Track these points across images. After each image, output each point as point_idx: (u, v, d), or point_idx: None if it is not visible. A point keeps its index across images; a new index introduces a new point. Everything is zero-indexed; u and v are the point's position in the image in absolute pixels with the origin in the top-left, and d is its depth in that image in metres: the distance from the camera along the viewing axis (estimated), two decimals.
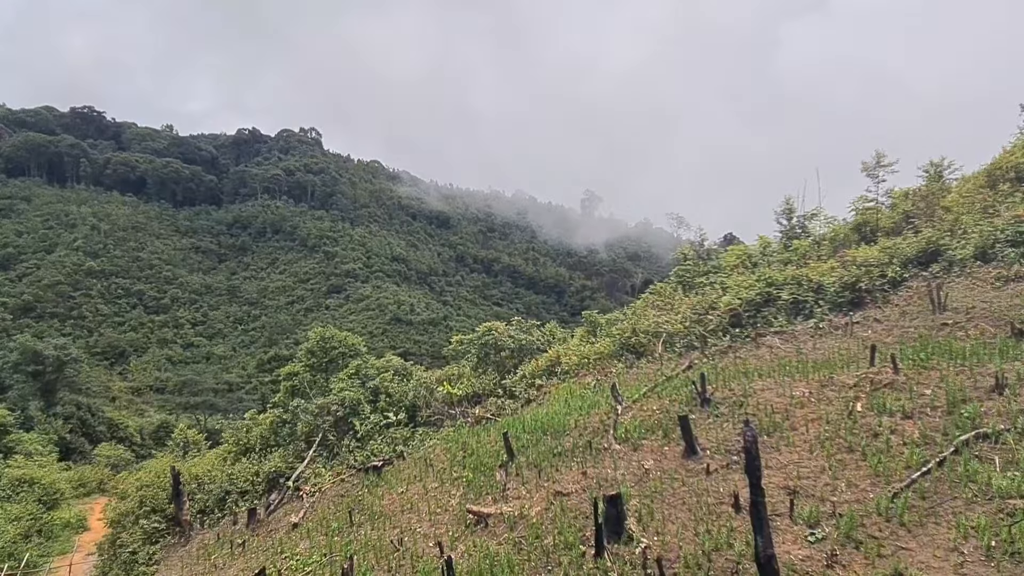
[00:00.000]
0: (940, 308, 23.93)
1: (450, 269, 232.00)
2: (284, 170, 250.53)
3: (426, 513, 20.73)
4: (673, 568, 13.22)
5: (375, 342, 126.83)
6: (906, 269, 28.07)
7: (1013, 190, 30.17)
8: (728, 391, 21.26)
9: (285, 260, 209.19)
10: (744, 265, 38.32)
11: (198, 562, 25.18)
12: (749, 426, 9.86)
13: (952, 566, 11.32)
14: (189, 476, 34.54)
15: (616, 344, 33.32)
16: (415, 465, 26.36)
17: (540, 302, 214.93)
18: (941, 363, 18.79)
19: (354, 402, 35.34)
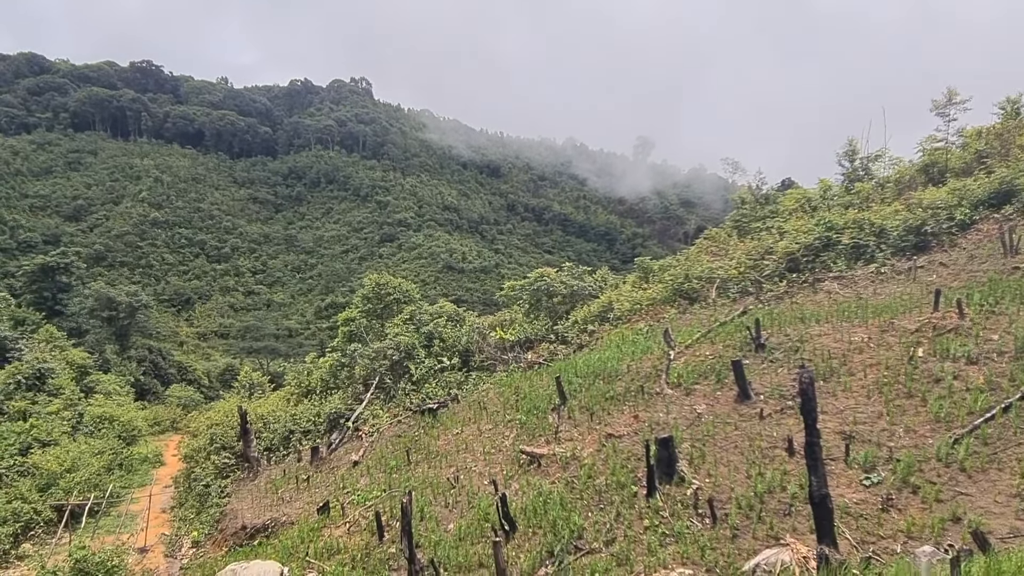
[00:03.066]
0: (1012, 251, 22.90)
1: (501, 218, 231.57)
2: (336, 120, 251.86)
3: (480, 453, 21.30)
4: (725, 508, 13.35)
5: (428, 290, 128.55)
6: (976, 211, 26.83)
7: None
8: (783, 336, 20.97)
9: (339, 209, 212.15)
10: (803, 209, 37.19)
11: (266, 495, 26.56)
12: (806, 368, 9.77)
13: (1014, 512, 11.13)
14: (255, 416, 36.17)
15: (669, 290, 33.03)
16: (469, 408, 26.98)
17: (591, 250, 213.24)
18: (1011, 308, 18.11)
19: (409, 347, 36.16)
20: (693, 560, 11.93)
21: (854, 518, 12.05)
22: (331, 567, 16.06)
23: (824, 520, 8.90)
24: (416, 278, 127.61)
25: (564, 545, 13.67)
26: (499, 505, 15.08)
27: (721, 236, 41.30)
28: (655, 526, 13.39)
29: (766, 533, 12.16)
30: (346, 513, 20.10)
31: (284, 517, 22.78)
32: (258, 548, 20.84)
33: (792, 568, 8.75)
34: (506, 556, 13.54)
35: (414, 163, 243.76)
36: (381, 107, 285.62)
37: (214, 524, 27.41)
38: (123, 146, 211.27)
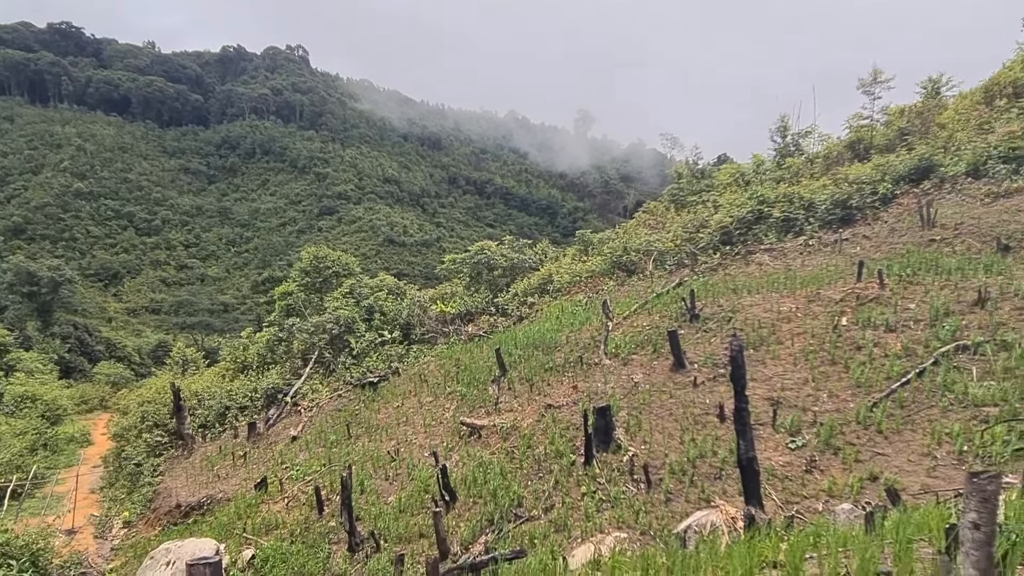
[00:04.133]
0: (929, 224, 24.07)
1: (442, 191, 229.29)
2: (271, 89, 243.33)
3: (421, 425, 21.34)
4: (659, 474, 13.78)
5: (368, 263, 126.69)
6: (897, 186, 28.04)
7: (1009, 106, 29.82)
8: (717, 307, 21.60)
9: (276, 181, 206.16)
10: (737, 184, 38.14)
11: (201, 473, 26.00)
12: (736, 337, 10.09)
13: (925, 470, 11.84)
14: (189, 392, 35.22)
15: (608, 262, 33.52)
16: (410, 380, 26.93)
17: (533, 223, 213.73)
18: (927, 278, 19.09)
19: (349, 320, 35.75)
20: (628, 524, 12.29)
21: (780, 479, 12.63)
22: (269, 542, 15.92)
23: (751, 482, 9.29)
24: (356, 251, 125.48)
25: (504, 513, 13.89)
26: (439, 476, 15.19)
27: (659, 210, 42.05)
28: (592, 492, 13.72)
29: (698, 496, 12.62)
30: (284, 488, 19.90)
31: (220, 494, 22.38)
32: (193, 526, 20.46)
33: (721, 528, 9.11)
34: (446, 526, 13.69)
35: (353, 134, 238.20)
36: (319, 76, 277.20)
37: (146, 503, 26.72)
38: (42, 112, 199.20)
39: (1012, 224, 22.04)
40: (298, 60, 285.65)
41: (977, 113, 31.00)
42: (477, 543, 13.35)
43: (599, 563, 6.47)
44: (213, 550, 13.92)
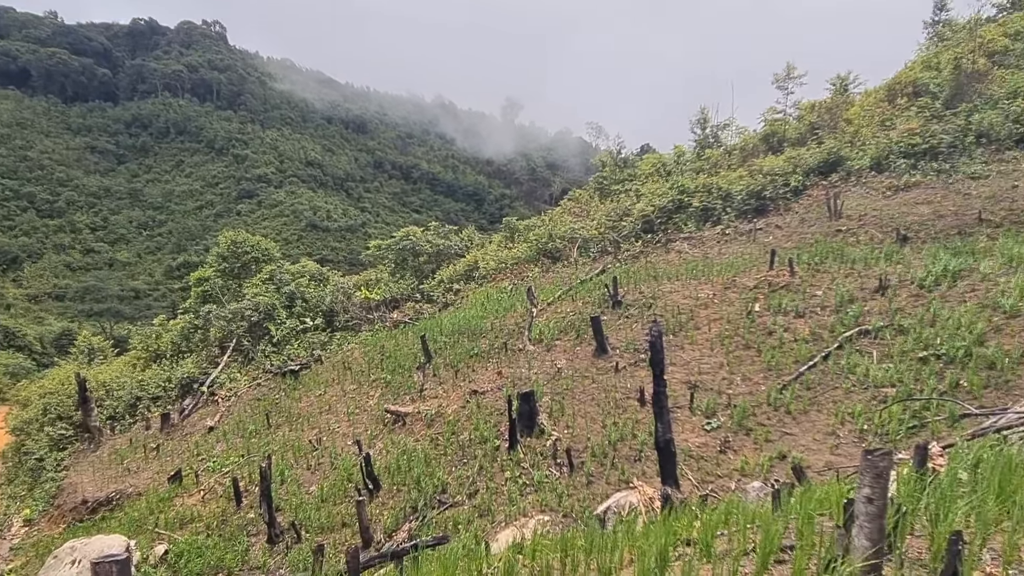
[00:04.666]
0: (836, 215, 25.32)
1: (368, 175, 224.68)
2: (186, 66, 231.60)
3: (344, 414, 21.02)
4: (581, 457, 14.04)
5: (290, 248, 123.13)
6: (808, 178, 29.36)
7: (909, 104, 31.61)
8: (639, 293, 22.11)
9: (191, 163, 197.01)
10: (659, 173, 39.05)
11: (110, 467, 24.81)
12: (656, 323, 10.36)
13: (829, 448, 12.52)
14: (96, 383, 33.42)
15: (533, 249, 33.77)
16: (333, 368, 26.45)
17: (459, 210, 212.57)
18: (833, 266, 20.10)
19: (269, 307, 34.72)
20: (551, 507, 12.48)
21: (696, 460, 13.10)
22: (184, 537, 15.38)
23: (668, 463, 9.59)
24: (278, 236, 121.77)
25: (428, 500, 13.87)
26: (363, 465, 15.02)
27: (583, 198, 42.61)
28: (516, 477, 13.85)
29: (618, 478, 12.93)
30: (200, 481, 19.23)
31: (131, 488, 21.43)
32: (101, 523, 19.52)
33: (639, 509, 9.37)
34: (370, 514, 13.57)
35: (274, 115, 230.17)
36: (237, 54, 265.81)
37: (50, 500, 25.30)
38: None
39: (910, 216, 23.45)
40: (215, 36, 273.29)
41: (881, 110, 32.73)
42: (401, 530, 13.29)
43: (521, 546, 6.52)
44: (122, 547, 13.32)
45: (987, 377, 13.01)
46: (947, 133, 27.27)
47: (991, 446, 7.47)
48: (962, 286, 16.53)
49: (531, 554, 5.86)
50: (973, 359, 13.60)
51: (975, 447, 7.73)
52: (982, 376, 13.03)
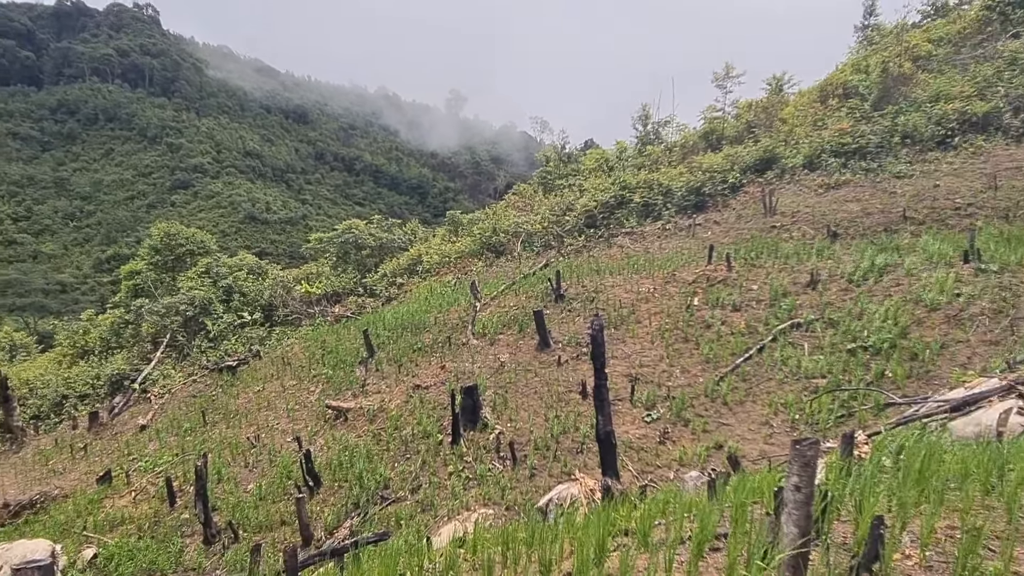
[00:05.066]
0: (771, 212, 26.10)
1: (309, 166, 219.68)
2: (117, 50, 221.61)
3: (284, 410, 20.59)
4: (524, 450, 14.13)
5: (228, 241, 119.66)
6: (745, 175, 30.17)
7: (840, 105, 32.79)
8: (581, 287, 22.34)
9: (122, 151, 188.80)
10: (602, 169, 39.48)
11: (33, 468, 23.68)
12: (597, 317, 10.48)
13: (763, 437, 12.93)
14: (19, 381, 31.85)
15: (477, 243, 33.74)
16: (272, 364, 25.86)
17: (403, 203, 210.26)
18: (768, 261, 20.71)
19: (205, 301, 33.73)
20: (494, 500, 12.52)
21: (637, 451, 13.35)
22: (114, 539, 14.81)
23: (608, 455, 9.72)
24: (215, 228, 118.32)
25: (370, 496, 13.73)
26: (303, 461, 14.75)
27: (528, 192, 42.77)
28: (459, 471, 13.84)
29: (560, 470, 13.07)
30: (132, 481, 18.54)
31: (56, 490, 20.49)
32: (24, 527, 18.61)
33: (580, 500, 9.49)
34: (310, 512, 13.35)
35: (211, 103, 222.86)
36: (171, 39, 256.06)
37: None
38: None
39: (840, 213, 24.35)
40: (147, 20, 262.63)
41: (814, 110, 33.85)
42: (342, 528, 13.12)
43: (463, 541, 6.53)
44: (47, 552, 12.75)
45: (910, 368, 13.65)
46: (875, 134, 28.41)
47: (913, 434, 7.84)
48: (888, 281, 17.26)
49: (473, 548, 5.88)
50: (897, 350, 14.25)
51: (898, 435, 8.10)
52: (905, 367, 13.67)
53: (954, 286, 15.76)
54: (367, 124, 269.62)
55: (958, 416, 8.76)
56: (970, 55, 31.97)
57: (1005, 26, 32.24)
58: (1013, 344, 13.25)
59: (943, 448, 6.07)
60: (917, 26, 39.07)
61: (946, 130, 26.96)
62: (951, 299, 15.37)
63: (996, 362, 12.21)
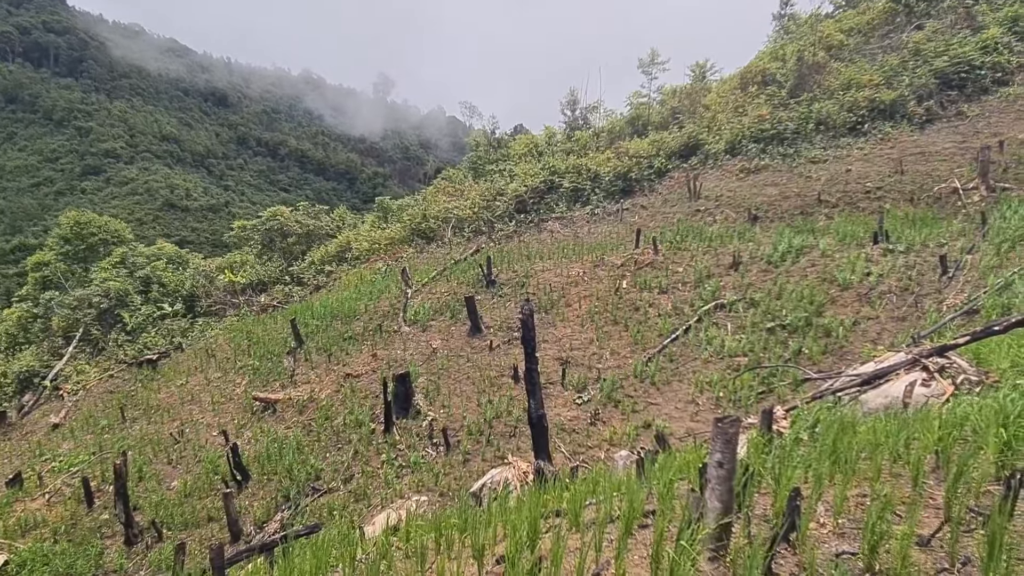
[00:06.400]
0: (695, 196, 26.78)
1: (230, 151, 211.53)
2: (17, 27, 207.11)
3: (209, 404, 19.94)
4: (458, 436, 14.14)
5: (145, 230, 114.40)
6: (670, 161, 30.85)
7: (759, 92, 33.84)
8: (512, 273, 22.43)
9: (25, 135, 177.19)
10: (531, 154, 39.60)
11: None
12: (528, 302, 10.54)
13: (689, 415, 13.33)
14: None
15: (407, 229, 33.38)
16: (195, 356, 24.98)
17: (331, 188, 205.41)
18: (693, 244, 21.28)
19: (121, 293, 32.18)
20: (428, 487, 12.50)
21: (569, 433, 13.56)
22: (27, 545, 14.06)
23: (540, 438, 9.84)
24: (130, 216, 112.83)
25: (301, 488, 13.50)
26: (230, 455, 14.35)
27: (457, 177, 42.53)
28: (392, 459, 13.75)
29: (494, 455, 13.15)
30: (44, 483, 17.61)
31: None
32: None
33: (513, 483, 9.58)
34: (239, 507, 13.02)
35: (123, 85, 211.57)
36: (78, 16, 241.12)
37: None
38: None
39: (760, 197, 25.21)
40: None
41: (734, 97, 34.82)
42: (273, 521, 12.85)
43: (396, 529, 6.48)
44: None
45: (825, 344, 14.31)
46: (792, 120, 29.49)
47: (827, 407, 8.23)
48: (804, 262, 18.01)
49: (406, 536, 5.84)
50: (813, 328, 14.92)
51: (814, 409, 8.49)
52: (821, 343, 14.32)
53: (864, 266, 16.58)
54: (291, 108, 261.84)
55: (869, 389, 9.24)
56: (878, 45, 33.52)
57: (910, 18, 33.93)
58: (918, 320, 14.05)
59: (855, 420, 6.39)
60: (830, 16, 40.63)
61: (857, 117, 28.22)
62: (862, 278, 16.18)
63: (903, 337, 12.92)
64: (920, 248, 17.03)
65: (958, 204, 20.48)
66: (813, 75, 31.85)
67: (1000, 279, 13.30)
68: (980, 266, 14.98)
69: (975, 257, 15.57)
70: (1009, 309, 11.53)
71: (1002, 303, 11.99)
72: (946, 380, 8.53)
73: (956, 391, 8.14)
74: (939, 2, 33.40)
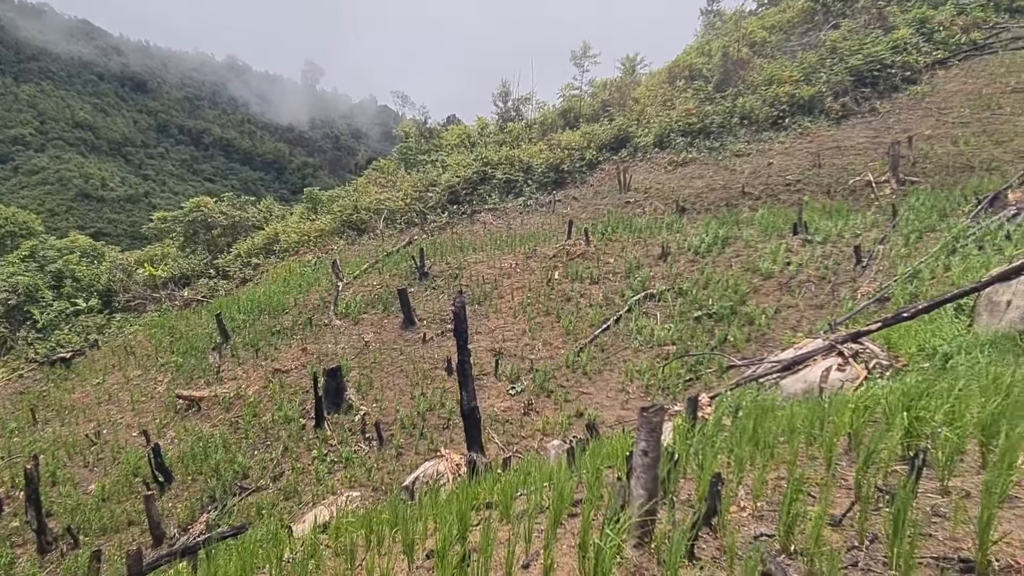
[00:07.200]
0: (625, 188, 27.24)
1: (150, 139, 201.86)
2: None
3: (128, 403, 19.10)
4: (391, 430, 14.01)
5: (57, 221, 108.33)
6: (601, 153, 31.28)
7: (687, 86, 34.63)
8: (445, 265, 22.31)
9: None
10: (464, 145, 39.39)
11: None
12: (461, 294, 10.52)
13: (620, 403, 13.58)
14: None
15: (338, 221, 32.76)
16: (113, 354, 23.87)
17: (258, 179, 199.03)
18: (623, 235, 21.65)
19: (31, 288, 30.44)
20: (361, 482, 12.35)
21: (502, 423, 13.62)
22: None
23: (473, 430, 9.85)
24: (41, 207, 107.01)
25: (227, 488, 13.12)
26: (151, 456, 13.81)
27: (389, 168, 41.90)
28: (323, 455, 13.52)
29: (427, 448, 13.09)
30: None
31: None
32: None
33: (447, 476, 9.56)
34: (162, 509, 12.56)
35: (31, 68, 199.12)
36: None
37: None
38: None
39: (687, 189, 25.85)
40: None
41: (663, 91, 35.53)
42: (198, 523, 12.45)
43: (326, 526, 6.37)
44: None
45: (749, 332, 14.82)
46: (717, 114, 30.32)
47: (749, 393, 8.53)
48: (729, 252, 18.58)
49: (335, 534, 5.74)
50: (737, 316, 15.43)
51: (737, 395, 8.78)
52: (745, 331, 14.82)
53: (785, 256, 17.23)
54: (215, 95, 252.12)
55: (788, 375, 9.61)
56: (798, 43, 34.78)
57: (827, 17, 35.32)
58: (834, 307, 14.71)
59: (775, 405, 6.64)
60: (754, 13, 41.92)
61: (778, 112, 29.25)
62: (783, 268, 16.81)
63: (820, 324, 13.50)
64: (836, 239, 17.81)
65: (871, 196, 21.51)
66: (737, 71, 32.81)
67: (908, 268, 14.05)
68: (891, 256, 15.79)
69: (886, 247, 16.40)
70: (916, 296, 12.21)
71: (910, 291, 12.68)
72: (860, 365, 8.96)
73: (869, 375, 8.57)
74: (854, 2, 34.89)
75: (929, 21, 31.12)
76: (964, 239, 14.40)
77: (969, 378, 5.67)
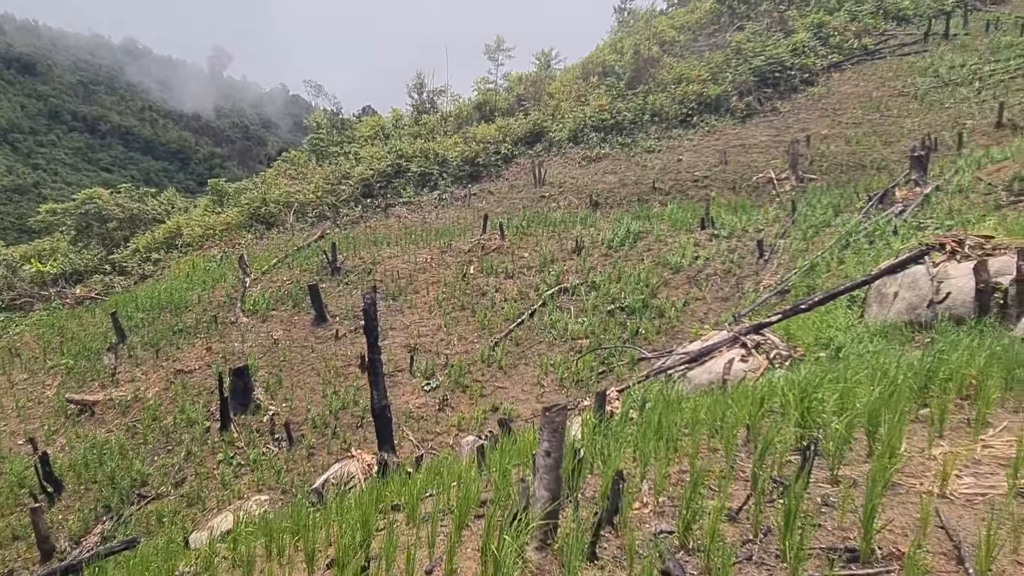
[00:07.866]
0: (540, 182, 27.44)
1: (40, 126, 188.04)
2: None
3: (13, 409, 17.76)
4: (301, 430, 13.61)
5: None
6: (516, 147, 31.39)
7: (600, 83, 35.20)
8: (358, 259, 21.85)
9: None
10: (378, 137, 38.67)
11: None
12: (372, 290, 10.27)
13: (535, 397, 13.66)
14: None
15: (245, 214, 31.52)
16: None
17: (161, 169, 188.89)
18: (538, 230, 21.79)
19: None
20: (269, 485, 11.95)
21: (417, 420, 13.46)
22: None
23: (384, 429, 9.66)
24: None
25: (124, 496, 12.41)
26: (39, 466, 12.88)
27: (300, 159, 40.64)
28: (229, 459, 12.99)
29: (340, 448, 12.78)
30: None
31: None
32: None
33: (358, 477, 9.33)
34: (51, 521, 11.76)
35: None
36: None
37: None
38: None
39: (600, 184, 26.28)
40: None
41: (577, 87, 35.97)
42: (91, 535, 11.72)
43: (225, 536, 6.08)
44: None
45: (659, 324, 15.19)
46: (629, 111, 30.96)
47: (656, 385, 8.70)
48: (641, 246, 19.00)
49: (233, 544, 5.47)
50: (649, 310, 15.79)
51: (646, 387, 8.95)
52: (656, 324, 15.18)
53: (693, 250, 17.77)
54: (112, 79, 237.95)
55: (696, 366, 9.89)
56: (706, 43, 35.94)
57: (733, 19, 36.64)
58: (739, 300, 15.27)
59: (680, 397, 6.78)
60: (664, 13, 43.01)
61: (687, 110, 30.14)
62: (691, 262, 17.33)
63: (726, 316, 13.99)
64: (741, 233, 18.50)
65: (773, 192, 22.49)
66: (648, 68, 33.58)
67: (806, 262, 14.74)
68: (791, 249, 16.54)
69: (787, 241, 17.18)
70: (813, 289, 12.81)
71: (808, 284, 13.29)
72: (761, 356, 9.31)
73: (770, 365, 8.91)
74: (757, 5, 36.33)
75: (825, 26, 32.80)
76: (856, 234, 15.23)
77: (858, 368, 5.93)
